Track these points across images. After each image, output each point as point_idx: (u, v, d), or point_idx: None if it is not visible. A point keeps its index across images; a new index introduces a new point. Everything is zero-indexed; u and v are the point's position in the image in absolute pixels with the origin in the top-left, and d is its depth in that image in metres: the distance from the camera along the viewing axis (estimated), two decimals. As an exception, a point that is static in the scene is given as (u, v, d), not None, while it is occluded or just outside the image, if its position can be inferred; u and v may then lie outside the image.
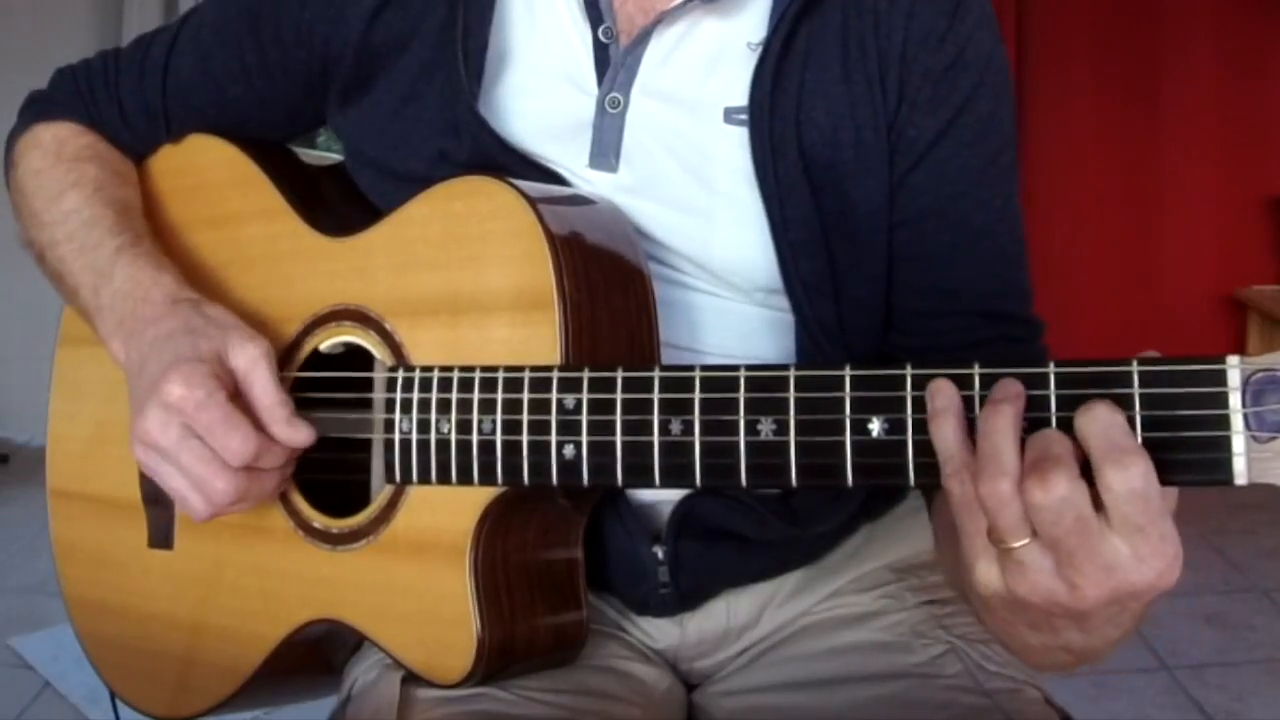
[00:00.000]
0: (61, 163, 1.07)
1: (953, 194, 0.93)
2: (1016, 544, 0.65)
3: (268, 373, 0.90)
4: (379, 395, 0.91)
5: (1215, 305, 4.05)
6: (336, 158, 1.09)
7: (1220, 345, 4.00)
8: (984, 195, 0.94)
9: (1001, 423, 0.65)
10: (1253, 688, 2.53)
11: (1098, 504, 0.63)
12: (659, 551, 0.98)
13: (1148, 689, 2.52)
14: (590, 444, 0.80)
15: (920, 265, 0.94)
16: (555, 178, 0.95)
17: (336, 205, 1.05)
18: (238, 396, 0.90)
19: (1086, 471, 0.63)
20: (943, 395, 0.68)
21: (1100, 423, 0.63)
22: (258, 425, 0.89)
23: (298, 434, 0.90)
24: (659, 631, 1.05)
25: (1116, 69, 3.98)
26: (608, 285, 0.87)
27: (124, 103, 1.09)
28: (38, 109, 1.12)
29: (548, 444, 0.81)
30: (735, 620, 1.05)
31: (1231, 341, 4.01)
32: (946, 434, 0.67)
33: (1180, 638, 2.70)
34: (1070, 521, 0.62)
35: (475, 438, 0.84)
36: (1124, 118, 3.98)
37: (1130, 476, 0.62)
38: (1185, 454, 0.63)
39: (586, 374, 0.80)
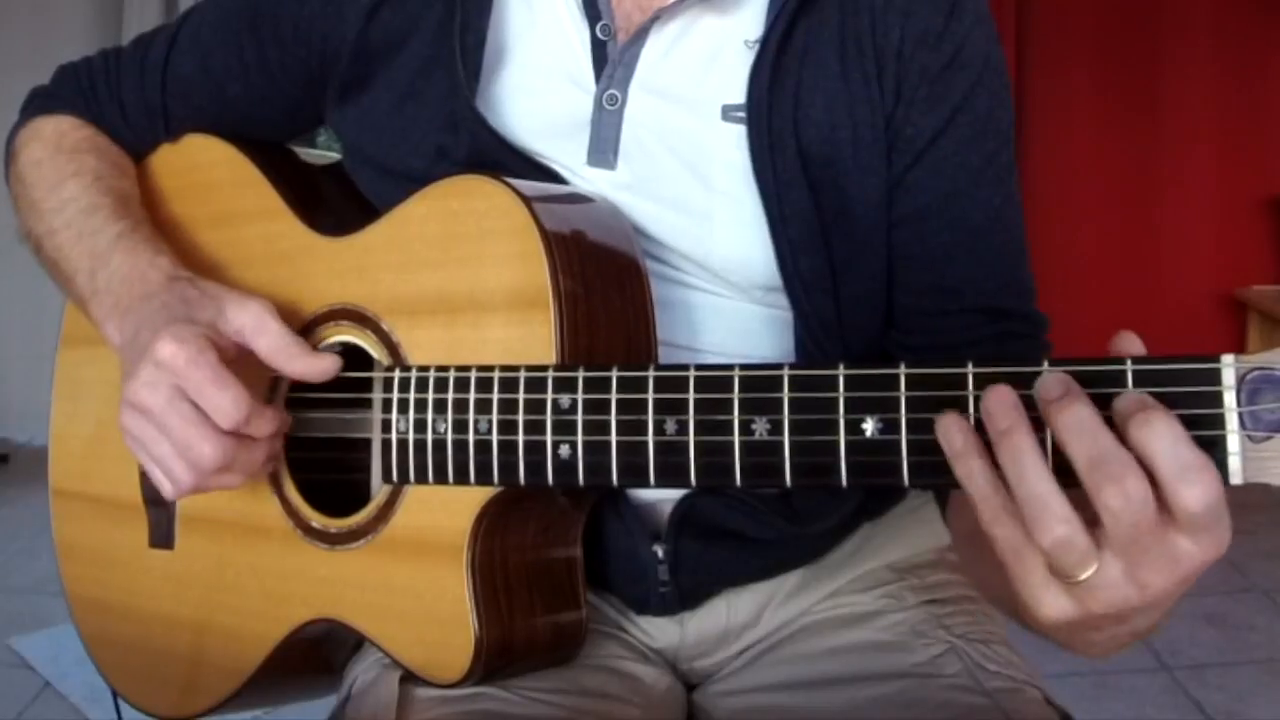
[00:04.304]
0: (61, 153, 1.07)
1: (951, 192, 0.93)
2: (1085, 574, 0.62)
3: (275, 321, 0.90)
4: (376, 395, 0.91)
5: (1215, 305, 4.05)
6: (336, 156, 1.09)
7: (1220, 345, 3.99)
8: (982, 193, 0.93)
9: (1028, 464, 0.62)
10: (1253, 688, 2.53)
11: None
12: (659, 550, 0.98)
13: (1148, 689, 2.52)
14: (586, 444, 0.80)
15: (920, 264, 0.94)
16: (553, 175, 0.95)
17: (334, 205, 1.05)
18: (232, 361, 0.89)
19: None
20: (958, 436, 0.65)
21: (1165, 439, 0.60)
22: (266, 384, 0.88)
23: (322, 363, 0.89)
24: (658, 631, 1.05)
25: (1116, 69, 3.97)
26: (604, 284, 0.87)
27: (124, 101, 1.09)
28: (39, 104, 1.12)
29: (543, 444, 0.81)
30: (735, 620, 1.05)
31: (1231, 341, 4.01)
32: (975, 478, 0.64)
33: (1180, 638, 2.70)
34: (1149, 517, 0.60)
35: (471, 438, 0.84)
36: (1124, 118, 3.98)
37: (1204, 493, 0.59)
38: (1180, 453, 0.62)
39: (581, 374, 0.80)
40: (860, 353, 0.95)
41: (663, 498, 0.97)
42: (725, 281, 0.95)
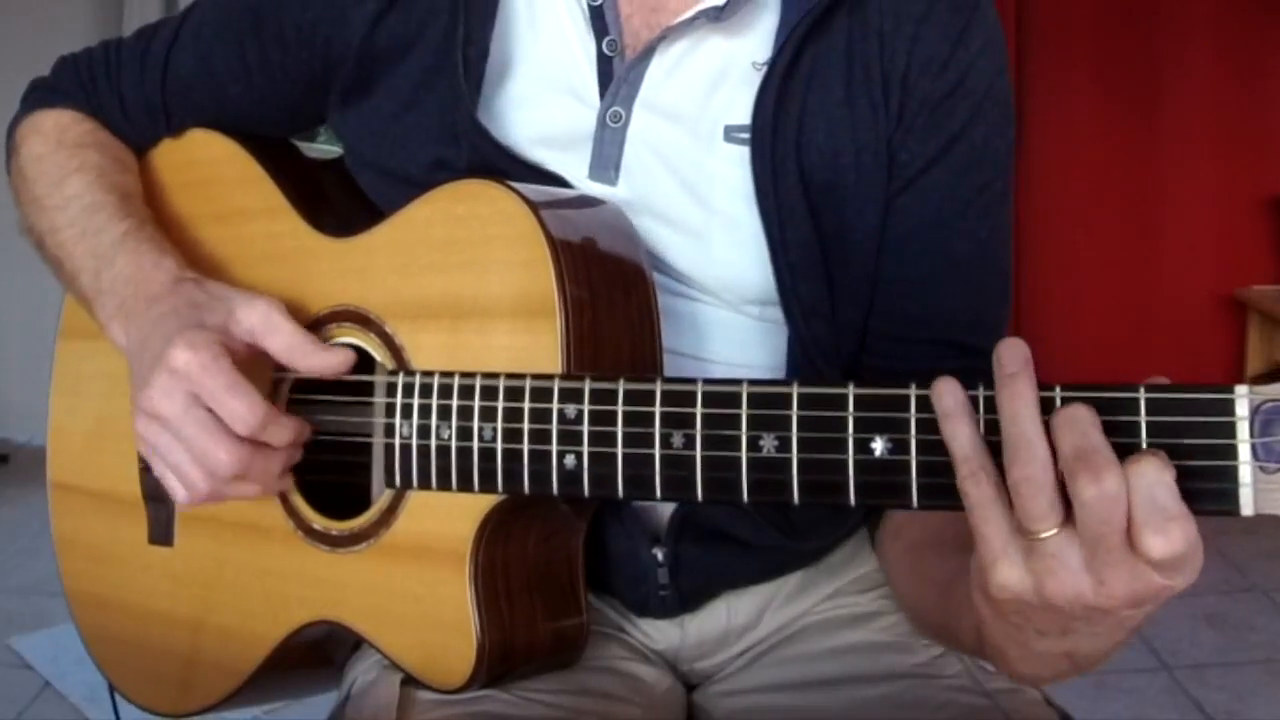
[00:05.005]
0: (64, 149, 1.07)
1: (937, 221, 0.92)
2: (1046, 533, 0.62)
3: (284, 319, 0.89)
4: (379, 399, 0.91)
5: (1215, 305, 4.04)
6: (339, 151, 1.08)
7: (1220, 345, 4.00)
8: (968, 225, 0.93)
9: (1023, 407, 0.63)
10: (1253, 688, 2.53)
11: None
12: (659, 553, 0.98)
13: (1148, 689, 2.52)
14: (591, 455, 0.79)
15: (896, 289, 0.93)
16: (557, 180, 0.94)
17: (338, 204, 1.04)
18: (243, 363, 0.88)
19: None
20: (950, 396, 0.66)
21: (1145, 478, 0.60)
22: (280, 376, 0.88)
23: (334, 358, 0.89)
24: (659, 633, 1.05)
25: (1116, 69, 3.97)
26: (610, 289, 0.86)
27: (124, 95, 1.09)
28: (39, 96, 1.12)
29: (548, 453, 0.81)
30: (735, 621, 1.05)
31: (1231, 342, 4.01)
32: (960, 436, 0.65)
33: (1180, 638, 2.70)
34: (1119, 519, 0.60)
35: (476, 445, 0.84)
36: (1124, 118, 3.97)
37: (1167, 544, 0.60)
38: (1191, 483, 0.62)
39: (588, 385, 0.79)
40: (857, 374, 0.95)
41: (663, 501, 0.97)
42: (720, 298, 0.95)
